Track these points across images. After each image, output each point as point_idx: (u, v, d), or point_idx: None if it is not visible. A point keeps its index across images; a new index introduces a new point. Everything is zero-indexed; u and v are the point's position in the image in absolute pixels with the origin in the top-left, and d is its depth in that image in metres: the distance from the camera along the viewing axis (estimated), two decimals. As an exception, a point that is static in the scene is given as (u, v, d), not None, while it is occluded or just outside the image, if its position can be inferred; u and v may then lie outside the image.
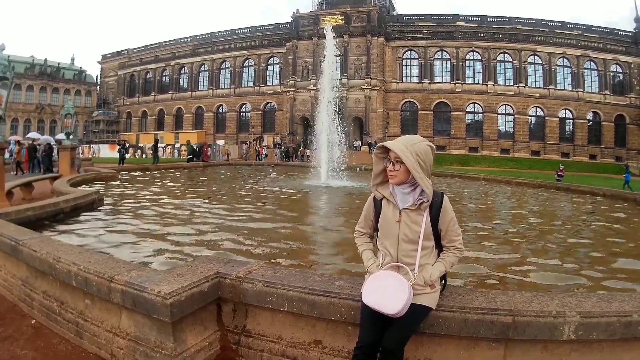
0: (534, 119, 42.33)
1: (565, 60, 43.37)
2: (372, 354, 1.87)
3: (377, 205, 2.02)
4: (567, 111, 42.83)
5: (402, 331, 1.88)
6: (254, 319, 2.38)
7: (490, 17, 43.75)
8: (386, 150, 1.92)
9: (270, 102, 45.82)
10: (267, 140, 44.68)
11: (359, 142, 40.06)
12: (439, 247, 2.03)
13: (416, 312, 1.90)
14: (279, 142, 44.00)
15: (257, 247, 4.45)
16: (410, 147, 1.85)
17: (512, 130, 41.69)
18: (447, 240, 1.99)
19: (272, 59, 46.52)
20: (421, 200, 1.92)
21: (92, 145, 47.08)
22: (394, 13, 47.40)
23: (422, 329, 2.05)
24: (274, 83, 45.79)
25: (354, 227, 2.18)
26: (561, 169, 22.34)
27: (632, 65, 44.98)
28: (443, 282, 2.11)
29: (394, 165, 1.89)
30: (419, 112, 41.68)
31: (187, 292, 2.18)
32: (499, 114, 41.67)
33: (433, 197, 1.93)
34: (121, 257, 3.33)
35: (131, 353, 2.27)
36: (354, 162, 23.66)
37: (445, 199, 1.97)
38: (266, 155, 36.36)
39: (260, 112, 46.14)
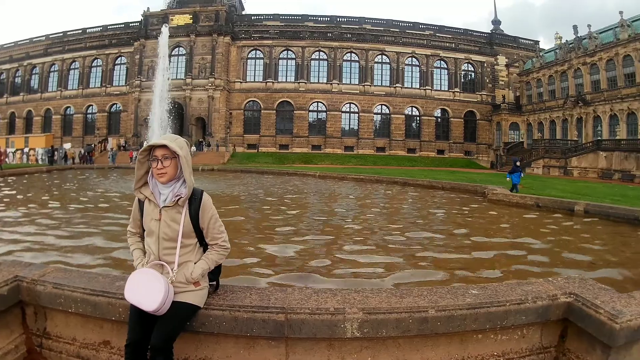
0: (379, 117, 45.70)
1: (414, 59, 47.20)
2: (141, 352, 2.00)
3: (141, 206, 2.16)
4: (414, 109, 46.50)
5: (166, 329, 2.00)
6: (52, 321, 2.52)
7: (340, 17, 47.33)
8: (148, 152, 2.07)
9: (116, 103, 47.43)
10: (112, 142, 45.49)
11: (195, 145, 41.73)
12: (206, 245, 2.19)
13: (179, 310, 2.03)
14: (124, 145, 44.99)
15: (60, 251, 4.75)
16: (175, 141, 2.04)
17: (356, 127, 44.87)
18: (210, 238, 2.14)
19: (120, 58, 48.26)
20: (179, 197, 2.06)
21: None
22: (243, 13, 49.83)
23: (195, 328, 2.16)
24: (121, 84, 47.59)
25: None
26: None
27: (485, 64, 49.37)
28: (215, 281, 2.29)
29: (162, 163, 2.02)
30: (262, 111, 44.28)
31: None
32: (343, 112, 44.73)
33: (192, 194, 2.08)
34: None
35: None
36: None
37: (205, 195, 2.13)
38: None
39: (106, 114, 47.74)
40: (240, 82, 45.77)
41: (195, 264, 2.09)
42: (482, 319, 2.20)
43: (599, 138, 40.17)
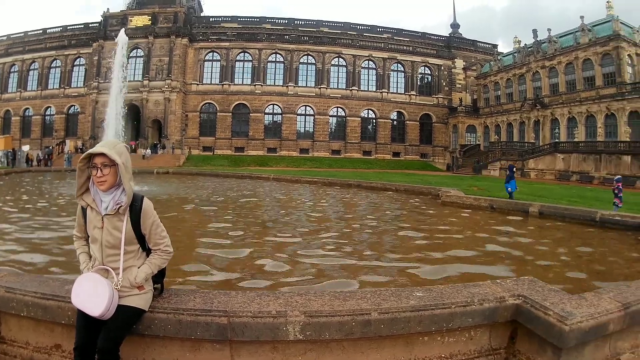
0: (335, 120, 46.48)
1: (371, 62, 47.92)
2: (89, 355, 2.03)
3: (84, 213, 2.18)
4: (370, 111, 47.28)
5: (112, 332, 2.04)
6: (7, 325, 2.56)
7: (297, 19, 47.88)
8: (88, 160, 2.08)
9: (74, 105, 47.83)
10: (69, 145, 45.78)
11: (151, 147, 42.07)
12: (149, 249, 2.23)
13: (125, 314, 2.08)
14: (81, 147, 45.26)
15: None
16: (114, 148, 2.05)
17: (312, 130, 45.67)
18: (152, 244, 2.19)
19: (79, 59, 48.57)
20: (119, 205, 2.08)
21: None
22: (202, 14, 50.21)
23: (141, 331, 2.20)
24: (79, 85, 47.95)
25: None
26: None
27: (442, 67, 50.19)
28: (159, 284, 2.35)
29: (101, 170, 2.03)
30: (218, 113, 44.86)
31: None
32: (298, 114, 45.45)
33: (133, 201, 2.11)
34: None
35: None
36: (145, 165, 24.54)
37: (146, 201, 2.16)
38: None
39: (64, 116, 47.98)
40: (197, 84, 46.27)
41: (138, 268, 2.14)
42: (426, 321, 2.23)
43: (557, 140, 40.98)
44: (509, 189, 12.55)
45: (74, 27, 51.02)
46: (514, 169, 13.64)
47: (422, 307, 2.23)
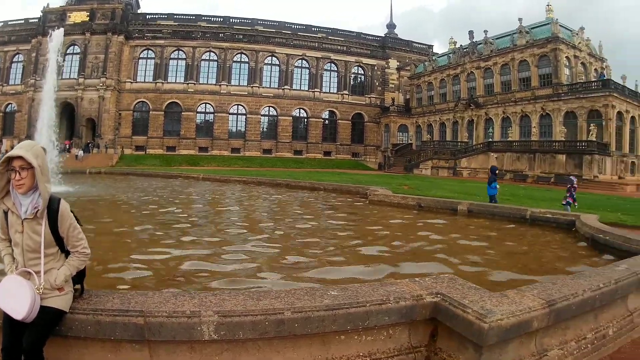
0: (266, 119, 47.98)
1: (304, 61, 49.19)
2: (15, 356, 2.08)
3: (5, 217, 2.18)
4: (302, 110, 48.81)
5: (35, 333, 2.08)
6: None
7: (232, 18, 48.85)
8: (7, 163, 2.08)
9: (11, 103, 48.48)
10: (6, 144, 46.58)
11: (84, 147, 43.16)
12: (68, 252, 2.26)
13: (46, 315, 2.11)
14: (18, 144, 46.19)
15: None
16: (31, 150, 2.07)
17: (243, 129, 47.18)
18: (70, 246, 2.21)
19: (17, 56, 49.10)
20: (37, 209, 2.10)
21: None
22: (139, 11, 50.84)
23: (63, 332, 2.20)
24: (17, 82, 48.37)
25: None
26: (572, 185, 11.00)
27: (376, 67, 51.58)
28: (80, 285, 2.39)
29: (20, 174, 2.04)
30: (151, 112, 46.15)
31: None
32: (230, 114, 46.86)
33: (50, 204, 2.13)
34: None
35: None
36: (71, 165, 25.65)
37: (62, 204, 2.17)
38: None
39: (1, 114, 48.54)
40: (131, 82, 47.20)
41: (58, 270, 2.17)
42: (341, 320, 2.26)
43: (491, 140, 42.48)
44: (494, 192, 11.33)
45: (14, 22, 51.28)
46: (497, 171, 12.59)
47: (336, 306, 2.27)
